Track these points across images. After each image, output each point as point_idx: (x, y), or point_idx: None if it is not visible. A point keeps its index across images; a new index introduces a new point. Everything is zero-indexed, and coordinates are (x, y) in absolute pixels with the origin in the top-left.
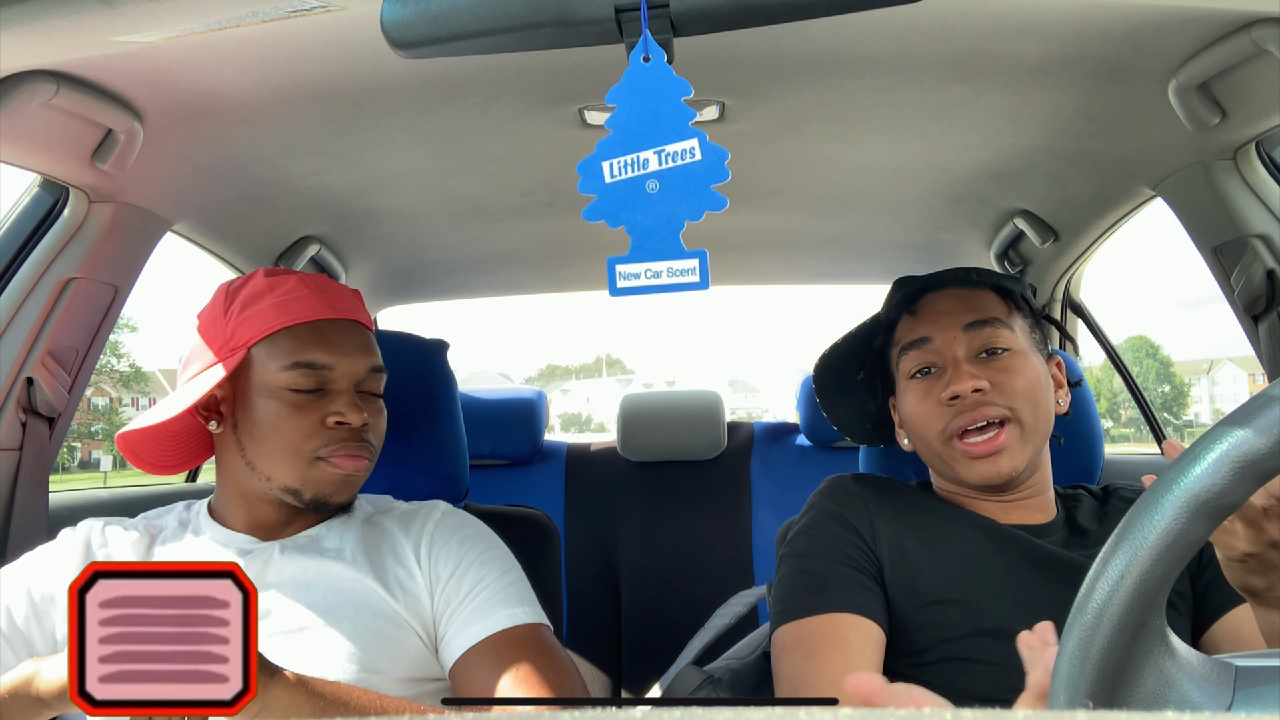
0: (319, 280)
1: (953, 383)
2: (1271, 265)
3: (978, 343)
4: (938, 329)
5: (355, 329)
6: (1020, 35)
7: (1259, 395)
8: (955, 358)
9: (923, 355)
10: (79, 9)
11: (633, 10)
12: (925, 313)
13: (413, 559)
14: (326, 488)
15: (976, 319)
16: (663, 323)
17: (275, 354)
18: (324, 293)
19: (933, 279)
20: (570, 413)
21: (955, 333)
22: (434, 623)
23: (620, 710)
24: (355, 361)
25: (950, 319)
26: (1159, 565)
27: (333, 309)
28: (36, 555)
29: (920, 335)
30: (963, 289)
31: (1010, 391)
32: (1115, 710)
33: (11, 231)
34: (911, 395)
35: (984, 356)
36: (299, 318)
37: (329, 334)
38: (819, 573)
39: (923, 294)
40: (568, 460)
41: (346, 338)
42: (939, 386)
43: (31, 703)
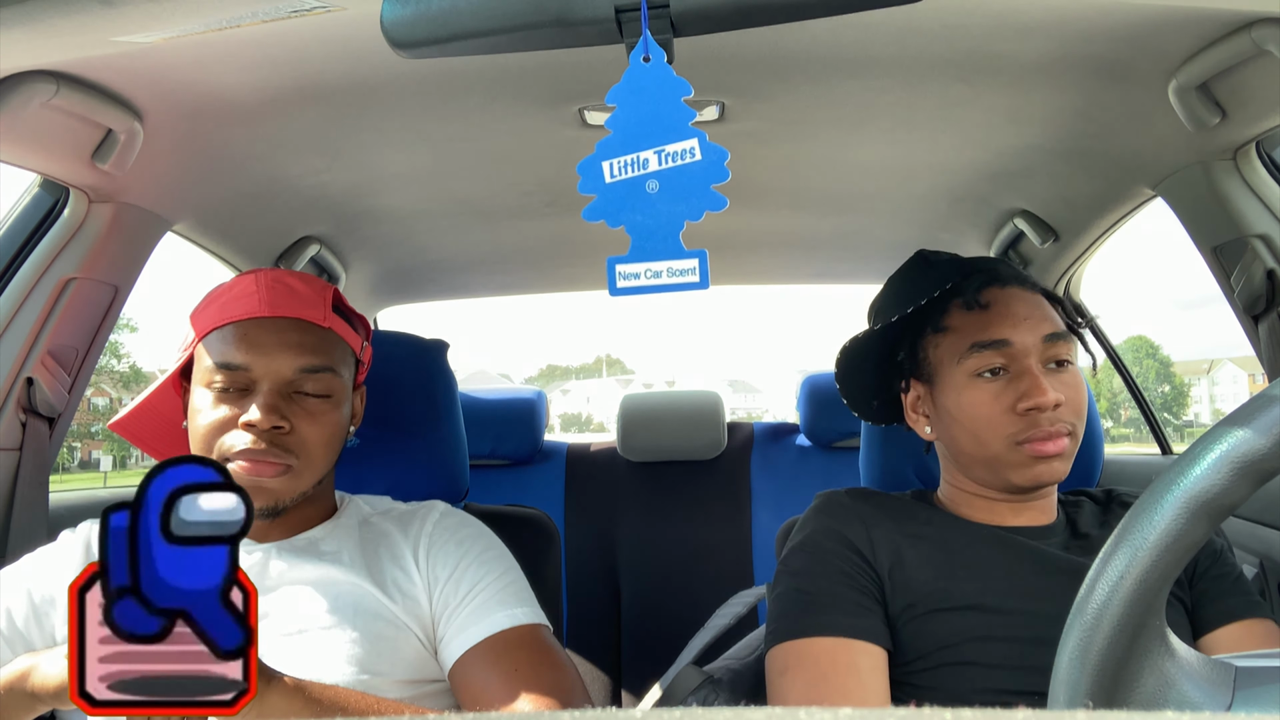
0: (275, 277)
1: (1034, 394)
2: (1271, 265)
3: (1050, 354)
4: (1018, 333)
5: (291, 327)
6: (1020, 35)
7: (1259, 395)
8: (1031, 366)
9: (997, 357)
10: (79, 9)
11: (633, 10)
12: (999, 311)
13: (411, 561)
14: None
15: (1054, 331)
16: (663, 323)
17: (205, 355)
18: (270, 290)
19: (990, 271)
20: (570, 413)
21: (1035, 340)
22: (433, 624)
23: (620, 712)
24: (278, 361)
25: (1030, 325)
26: (1159, 565)
27: (269, 306)
28: (36, 557)
29: (999, 336)
30: (1024, 290)
31: (1076, 406)
32: (1115, 710)
33: (11, 231)
34: (977, 394)
35: (1054, 368)
36: (230, 317)
37: (254, 333)
38: (817, 592)
39: (986, 287)
40: (568, 460)
41: (275, 337)
42: (1010, 392)
43: (27, 698)
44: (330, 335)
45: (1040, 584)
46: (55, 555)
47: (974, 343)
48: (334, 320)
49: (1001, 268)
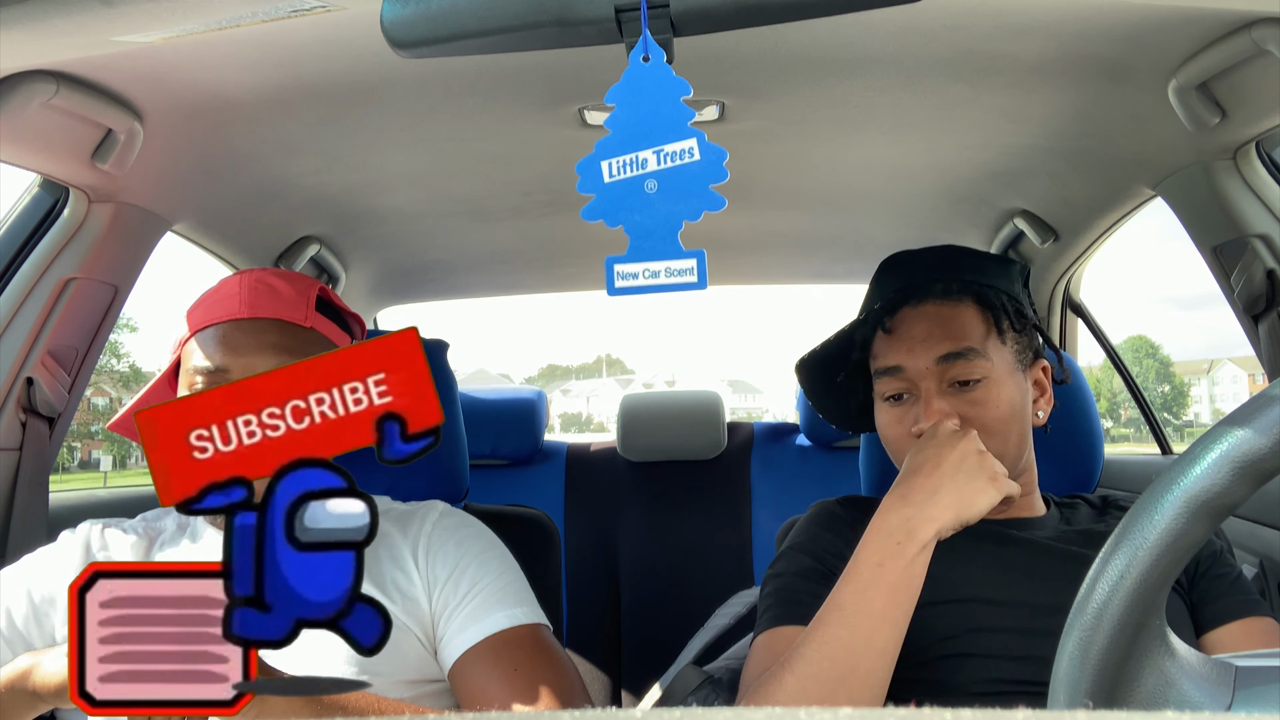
0: (259, 278)
1: (922, 418)
2: (1271, 265)
3: (951, 374)
4: (911, 359)
5: (269, 328)
6: (1020, 35)
7: (1259, 395)
8: (928, 390)
9: (895, 382)
10: (79, 9)
11: (633, 10)
12: (900, 335)
13: (410, 561)
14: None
15: (950, 350)
16: (663, 323)
17: (187, 358)
18: (253, 292)
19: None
20: (570, 413)
21: (928, 363)
22: (432, 624)
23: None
24: (255, 363)
25: (924, 348)
26: (1159, 565)
27: (249, 308)
28: (36, 557)
29: (894, 363)
30: (941, 304)
31: (981, 424)
32: (1115, 710)
33: (11, 231)
34: (884, 418)
35: (956, 387)
36: (211, 319)
37: (233, 335)
38: (795, 589)
39: (899, 307)
40: (568, 460)
41: (253, 339)
42: (910, 416)
43: (28, 697)
44: (311, 335)
45: (1035, 573)
46: (55, 556)
47: (876, 369)
48: (317, 319)
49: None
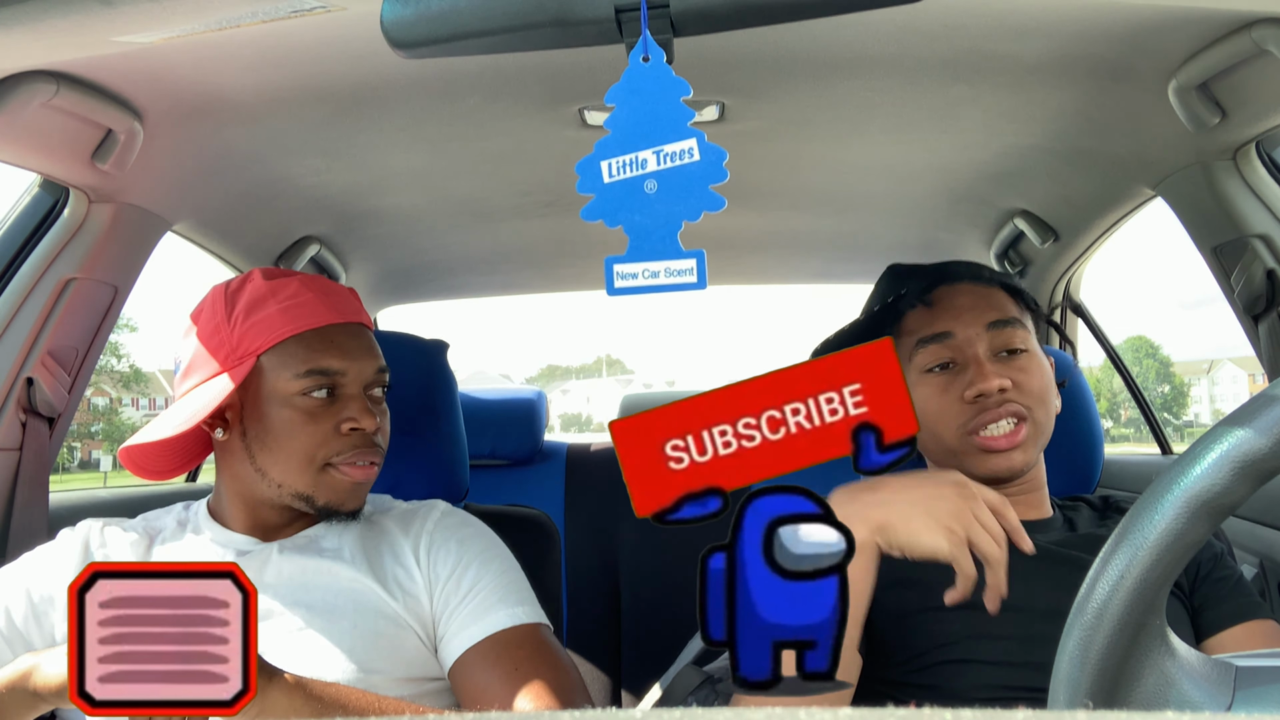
0: (320, 282)
1: (977, 381)
2: (1271, 265)
3: (999, 342)
4: (960, 325)
5: (360, 331)
6: (1020, 35)
7: (1259, 395)
8: (977, 355)
9: (942, 350)
10: (79, 9)
11: (633, 10)
12: (944, 307)
13: (411, 559)
14: (338, 495)
15: (999, 318)
16: (663, 323)
17: (286, 361)
18: (328, 296)
19: (944, 271)
20: (570, 413)
21: (978, 330)
22: (433, 623)
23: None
24: (364, 365)
25: (973, 315)
26: (1159, 565)
27: (338, 313)
28: (36, 556)
29: (942, 330)
30: (976, 284)
31: (1029, 391)
32: (1115, 710)
33: (11, 231)
34: (927, 389)
35: (1004, 355)
36: (308, 324)
37: (338, 338)
38: None
39: (936, 285)
40: (568, 460)
41: (354, 341)
42: (959, 383)
43: (29, 697)
44: (372, 337)
45: (1038, 579)
46: (54, 555)
47: (920, 339)
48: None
49: (957, 266)
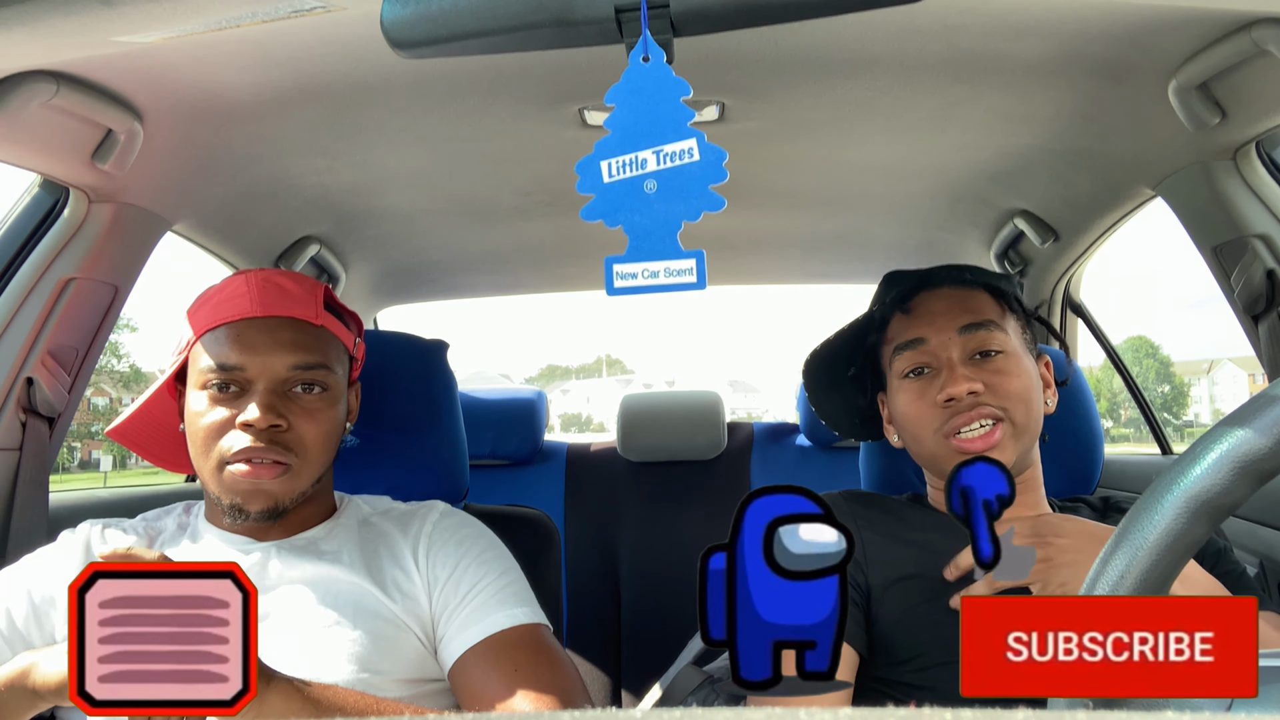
0: (266, 277)
1: (948, 385)
2: (1271, 265)
3: (972, 345)
4: (933, 330)
5: (283, 326)
6: (1020, 35)
7: (1259, 395)
8: (950, 359)
9: (917, 356)
10: (79, 9)
11: (633, 10)
12: (920, 313)
13: (410, 561)
14: (239, 496)
15: (971, 321)
16: (663, 323)
17: (199, 356)
18: (261, 290)
19: (926, 277)
20: (570, 413)
21: (950, 334)
22: (432, 624)
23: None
24: (273, 360)
25: (945, 320)
26: (1159, 565)
27: (261, 306)
28: (36, 557)
29: (915, 336)
30: (956, 288)
31: (1004, 393)
32: (1115, 710)
33: (11, 231)
34: (905, 395)
35: (978, 358)
36: (223, 318)
37: (247, 333)
38: None
39: (916, 292)
40: (568, 460)
41: (267, 336)
42: (933, 388)
43: (28, 695)
44: (323, 333)
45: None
46: (55, 556)
47: (897, 345)
48: (326, 318)
49: (942, 271)
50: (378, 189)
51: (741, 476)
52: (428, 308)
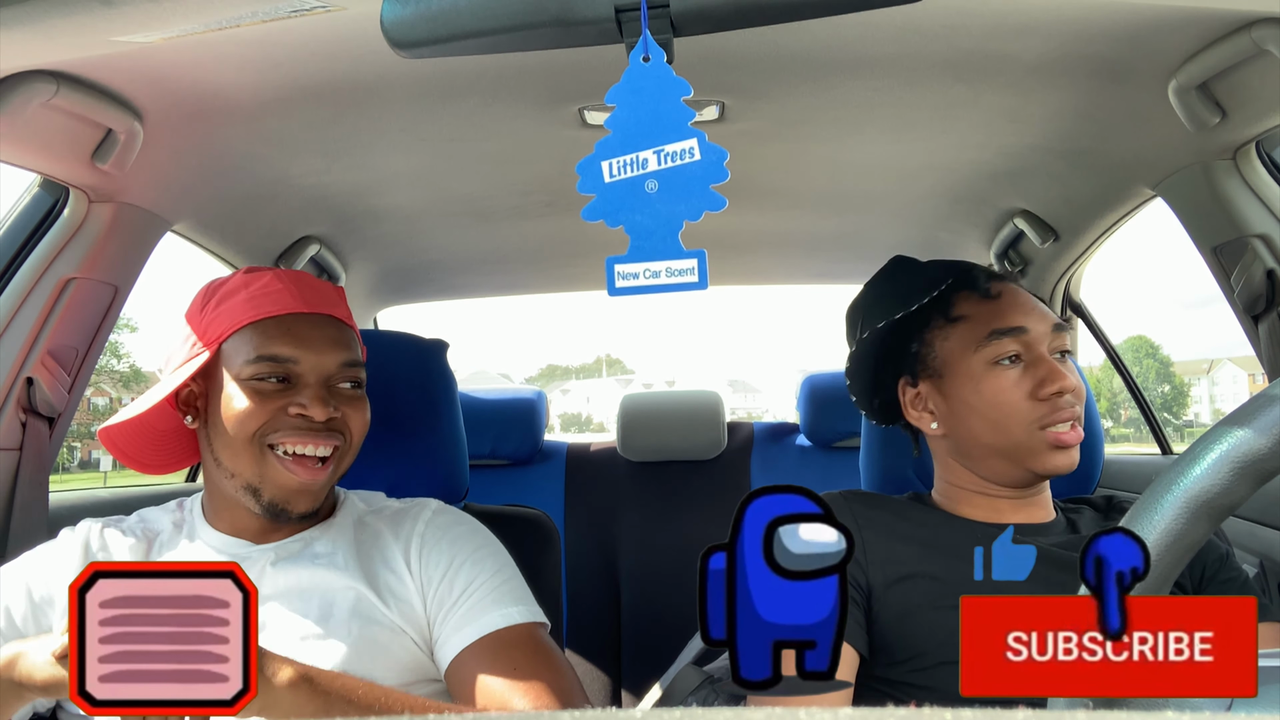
0: (296, 275)
1: (1056, 379)
2: (1271, 265)
3: (1057, 343)
4: (1031, 321)
5: (327, 323)
6: (1020, 35)
7: (1259, 395)
8: (1045, 354)
9: (1013, 344)
10: (79, 9)
11: (633, 10)
12: (1011, 302)
13: (402, 563)
14: (284, 493)
15: (1058, 322)
16: (663, 323)
17: (241, 348)
18: (298, 287)
19: (989, 270)
20: (570, 413)
21: (1046, 329)
22: (428, 626)
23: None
24: (324, 356)
25: (1040, 315)
26: (1159, 565)
27: (304, 303)
28: (36, 555)
29: (1016, 324)
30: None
31: (1081, 393)
32: (1115, 710)
33: (11, 231)
34: (998, 381)
35: (1057, 357)
36: (267, 312)
37: (296, 328)
38: None
39: (991, 280)
40: (568, 460)
41: (316, 332)
42: (1029, 379)
43: (13, 688)
44: (353, 333)
45: (1040, 582)
46: (54, 554)
47: (992, 330)
48: (351, 319)
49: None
50: (378, 189)
51: (741, 476)
52: (428, 308)
